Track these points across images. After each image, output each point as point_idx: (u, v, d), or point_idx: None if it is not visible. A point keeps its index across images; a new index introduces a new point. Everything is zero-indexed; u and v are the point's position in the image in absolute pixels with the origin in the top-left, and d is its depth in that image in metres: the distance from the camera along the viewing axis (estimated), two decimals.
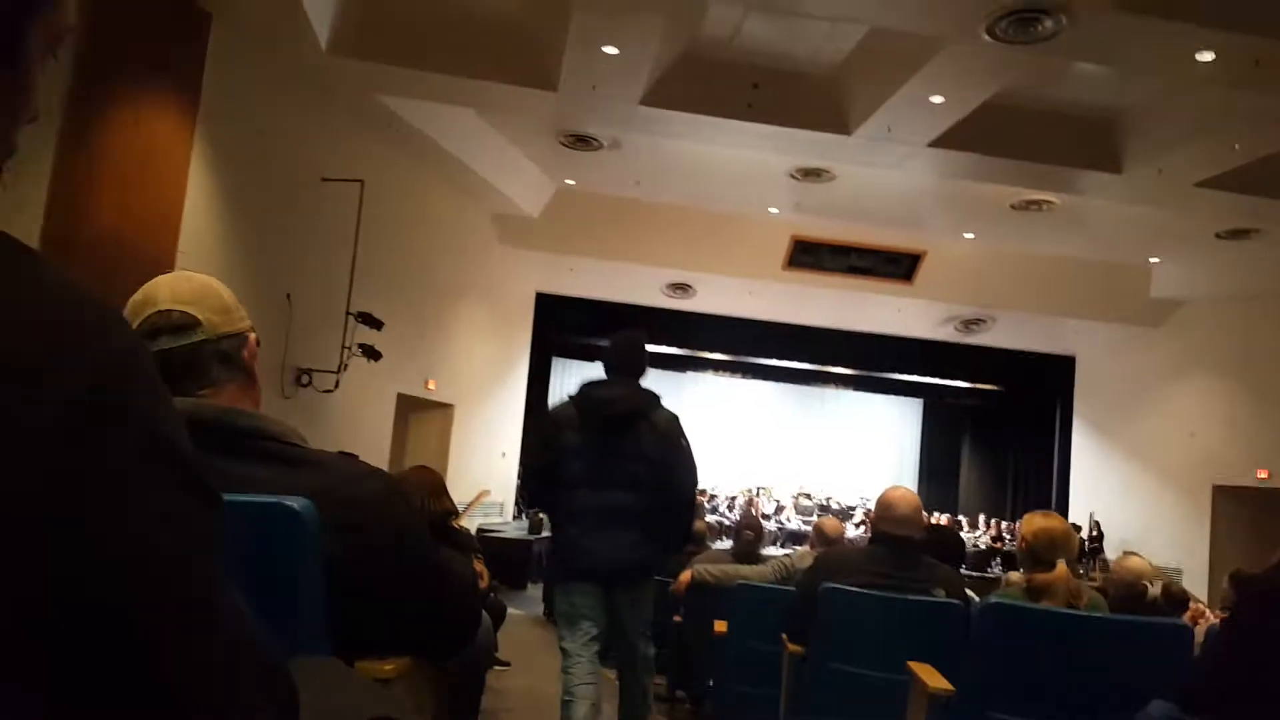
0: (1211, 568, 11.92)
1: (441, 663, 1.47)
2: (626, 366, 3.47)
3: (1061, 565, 2.49)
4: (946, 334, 14.54)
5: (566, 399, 3.54)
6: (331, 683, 0.95)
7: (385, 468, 5.34)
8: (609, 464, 3.25)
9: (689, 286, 13.62)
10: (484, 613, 1.63)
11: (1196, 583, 11.27)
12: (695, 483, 3.57)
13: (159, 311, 1.24)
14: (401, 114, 8.82)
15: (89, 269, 5.28)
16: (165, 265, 6.19)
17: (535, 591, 10.25)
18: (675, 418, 3.54)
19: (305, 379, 8.11)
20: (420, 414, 11.10)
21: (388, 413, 9.80)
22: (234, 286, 1.38)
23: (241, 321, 1.33)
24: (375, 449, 9.21)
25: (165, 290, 1.26)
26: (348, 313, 8.38)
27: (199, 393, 1.24)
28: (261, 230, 7.55)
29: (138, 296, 1.26)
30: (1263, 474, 11.75)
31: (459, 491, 5.57)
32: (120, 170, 5.93)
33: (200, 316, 1.25)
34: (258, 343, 1.36)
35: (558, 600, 3.39)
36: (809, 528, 14.42)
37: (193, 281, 1.30)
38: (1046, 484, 15.62)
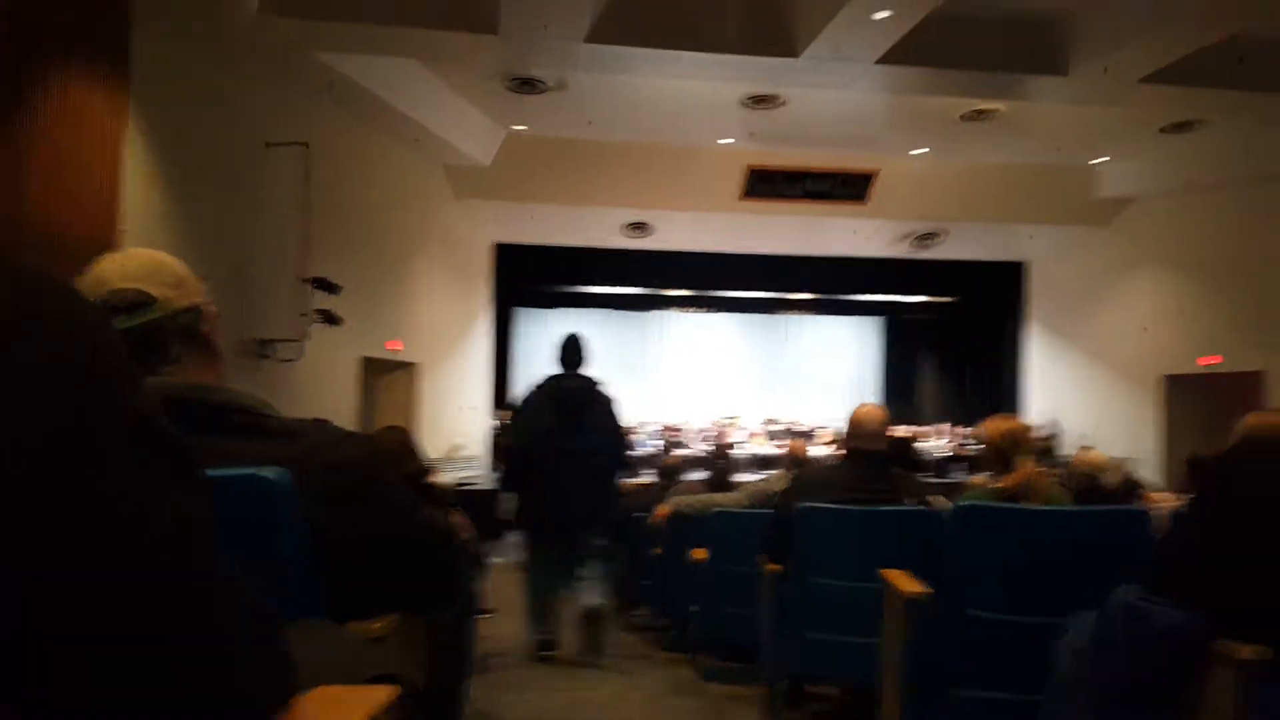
0: (1165, 455, 12.33)
1: (430, 614, 1.49)
2: (574, 362, 4.57)
3: (1029, 462, 2.56)
4: (902, 251, 14.64)
5: (533, 389, 4.63)
6: (326, 645, 0.96)
7: (354, 431, 5.28)
8: (572, 436, 4.33)
9: (647, 225, 13.54)
10: (467, 565, 1.65)
11: (1152, 471, 11.65)
12: (627, 441, 4.97)
13: (111, 291, 1.20)
14: (342, 70, 8.57)
15: (22, 256, 5.13)
16: (107, 246, 6.00)
17: (515, 539, 10.34)
18: (612, 398, 4.66)
19: (266, 350, 8.01)
20: (385, 375, 11.03)
21: (353, 377, 9.72)
22: (184, 261, 1.34)
23: (196, 294, 1.30)
24: (343, 414, 9.15)
25: (114, 269, 1.23)
26: (304, 279, 8.25)
27: (162, 370, 1.22)
28: (207, 201, 7.36)
29: (86, 278, 1.23)
30: (1210, 360, 12.08)
31: (431, 448, 5.58)
32: (49, 149, 5.71)
33: (154, 292, 1.22)
34: (216, 314, 1.34)
35: (535, 541, 4.51)
36: (779, 452, 14.70)
37: (141, 257, 1.26)
38: (1003, 388, 15.95)
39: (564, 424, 4.32)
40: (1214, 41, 8.20)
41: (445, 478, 9.49)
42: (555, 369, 4.65)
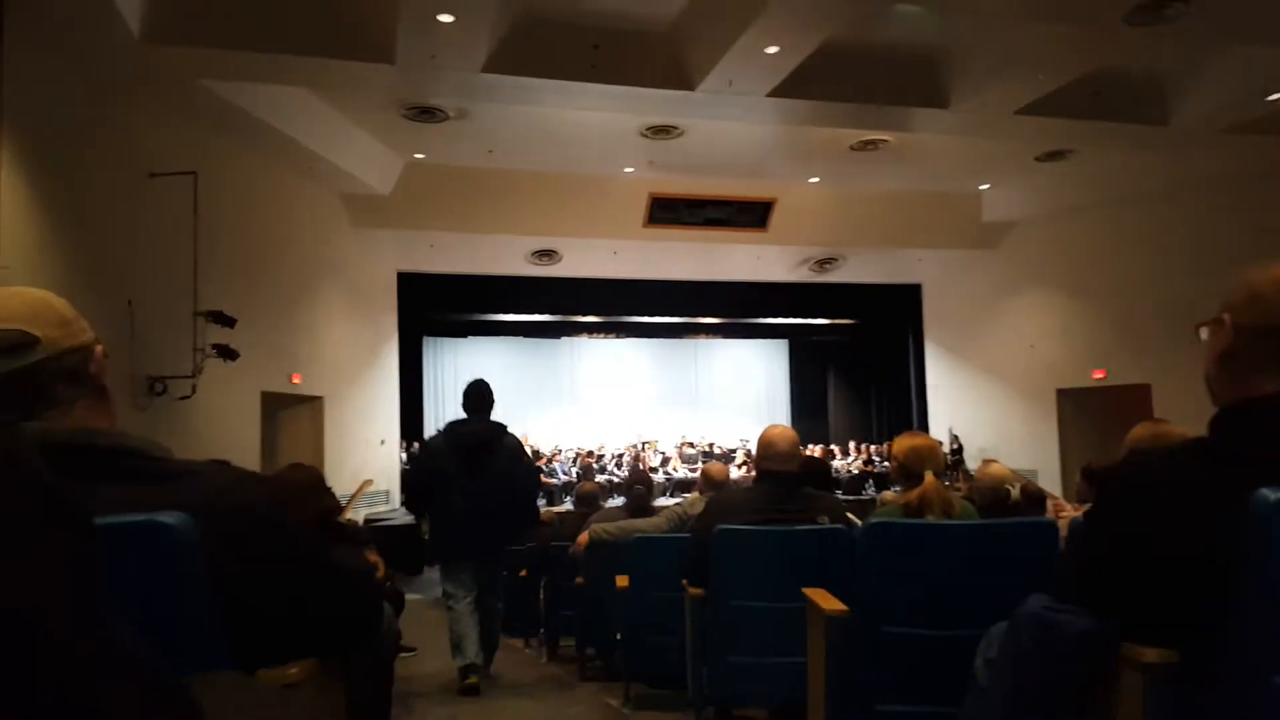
0: (1063, 465, 12.90)
1: (348, 658, 1.43)
2: (479, 408, 4.82)
3: (929, 476, 2.62)
4: (802, 275, 15.01)
5: (438, 433, 4.93)
6: (237, 697, 0.90)
7: (257, 470, 5.12)
8: (475, 477, 4.63)
9: (554, 252, 13.53)
10: (385, 603, 1.59)
11: (1050, 481, 12.17)
12: (536, 484, 5.33)
13: None
14: (231, 99, 8.32)
15: None
16: None
17: (433, 574, 10.11)
18: (517, 440, 5.00)
19: (159, 387, 7.64)
20: (288, 410, 10.66)
21: (253, 412, 9.36)
22: (68, 298, 1.26)
23: (84, 334, 1.22)
24: (243, 452, 8.80)
25: None
26: (196, 313, 7.92)
27: (47, 415, 1.14)
28: (90, 234, 7.00)
29: None
30: (1098, 374, 12.74)
31: (340, 484, 5.41)
32: None
33: (38, 333, 1.14)
34: (104, 354, 1.26)
35: (444, 572, 4.83)
36: (695, 475, 14.80)
37: (23, 296, 1.18)
38: (907, 406, 16.46)
39: (467, 466, 4.66)
40: (1075, 77, 8.74)
41: (356, 514, 9.20)
42: (462, 414, 4.97)
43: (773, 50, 7.93)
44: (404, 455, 13.53)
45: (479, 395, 4.86)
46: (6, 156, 6.13)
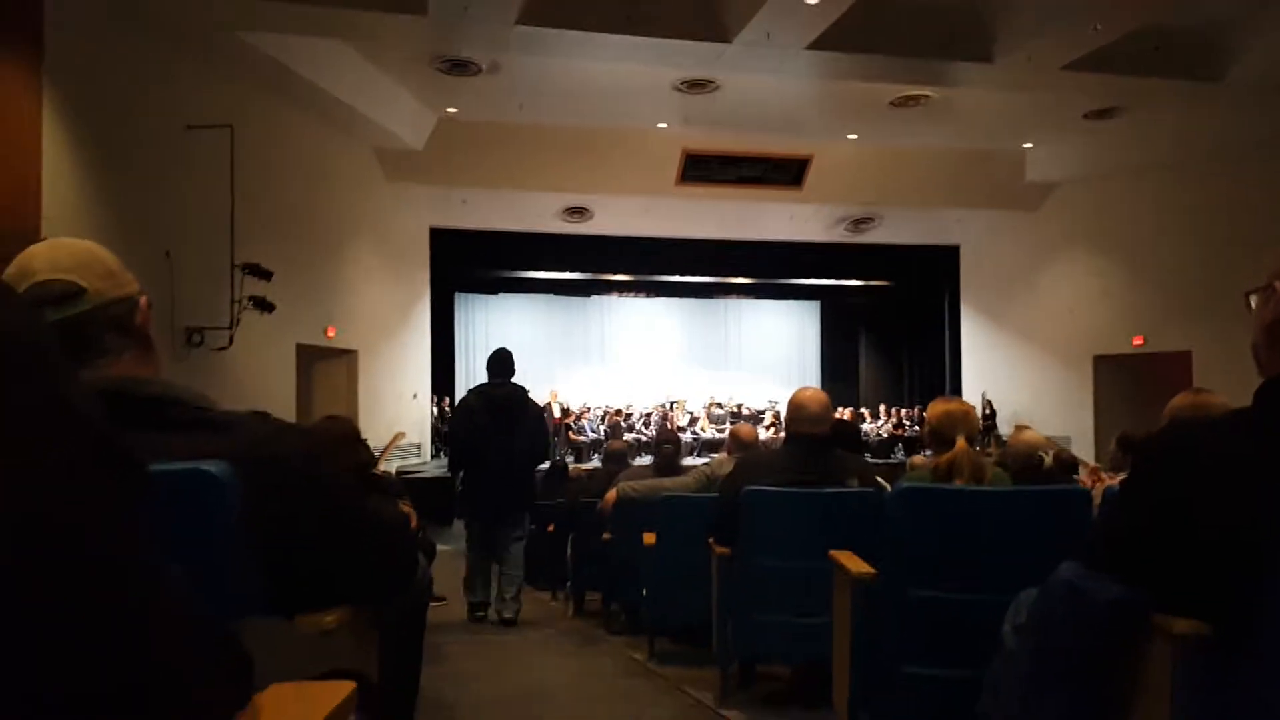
0: (1096, 432, 12.77)
1: (382, 607, 1.46)
2: (504, 372, 5.31)
3: (961, 441, 2.60)
4: (837, 235, 14.84)
5: (470, 394, 5.43)
6: (276, 642, 0.93)
7: (293, 422, 5.20)
8: (509, 436, 5.15)
9: (585, 209, 13.48)
10: (419, 553, 1.62)
11: (1084, 448, 12.06)
12: (549, 439, 6.02)
13: (38, 283, 1.14)
14: (267, 51, 8.32)
15: None
16: (29, 234, 5.77)
17: (461, 527, 10.28)
18: (537, 404, 5.57)
19: (196, 338, 7.78)
20: (323, 363, 10.81)
21: (288, 365, 9.50)
22: (108, 249, 1.29)
23: (129, 285, 1.24)
24: (279, 403, 8.95)
25: (42, 260, 1.17)
26: (233, 265, 8.02)
27: (94, 364, 1.17)
28: (130, 187, 7.10)
29: (11, 270, 1.16)
30: (1138, 341, 12.53)
31: (373, 437, 5.49)
32: None
33: (85, 284, 1.17)
34: (149, 305, 1.28)
35: (469, 524, 5.43)
36: (723, 435, 14.81)
37: (71, 248, 1.20)
38: (939, 370, 16.32)
39: (496, 424, 5.15)
40: (1131, 29, 8.46)
41: (389, 466, 9.35)
42: (486, 377, 5.43)
43: (813, 1, 7.76)
44: (435, 410, 13.69)
45: (501, 362, 5.36)
46: (49, 108, 6.20)
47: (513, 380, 5.32)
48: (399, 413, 11.90)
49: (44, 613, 0.48)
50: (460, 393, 6.47)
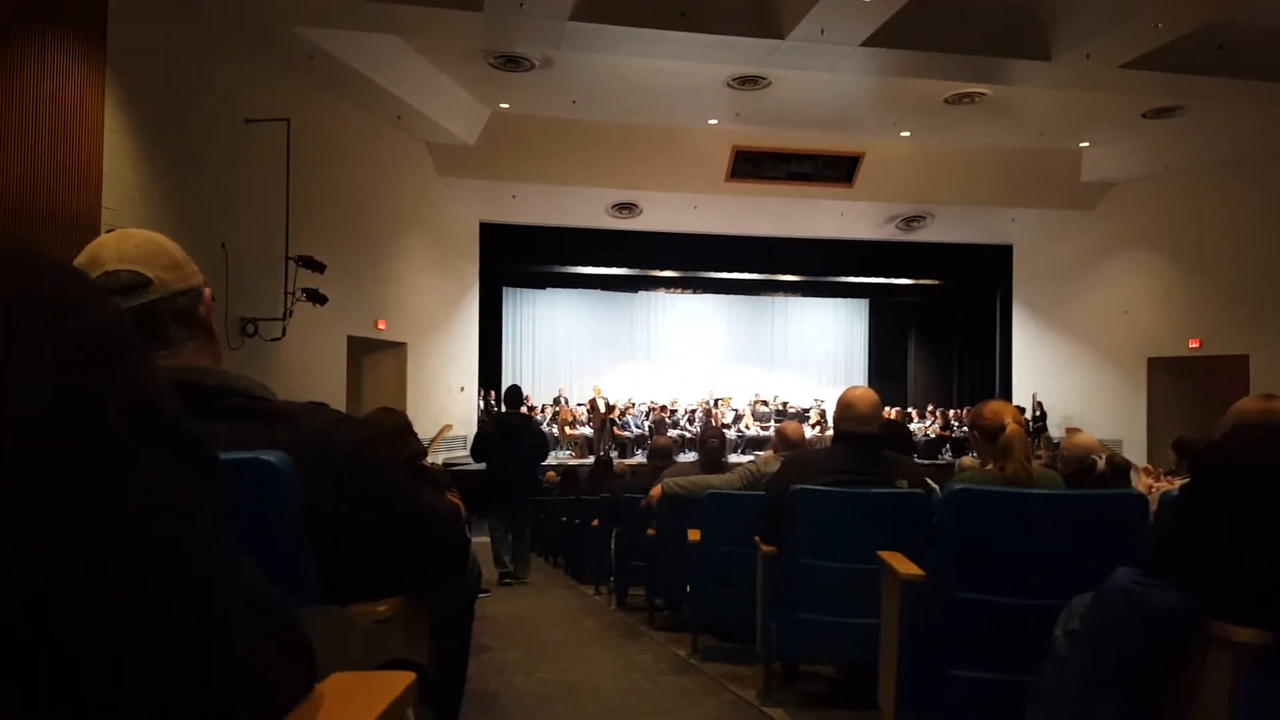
0: (1150, 436, 12.46)
1: (434, 596, 1.48)
2: (515, 403, 7.31)
3: (1012, 424, 2.56)
4: (888, 233, 14.68)
5: (488, 419, 8.01)
6: (336, 630, 0.95)
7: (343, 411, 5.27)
8: (513, 449, 6.90)
9: (634, 205, 13.50)
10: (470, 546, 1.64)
11: (1136, 452, 11.78)
12: (547, 452, 8.16)
13: (106, 273, 1.17)
14: (323, 46, 8.46)
15: (9, 232, 5.05)
16: (90, 222, 5.94)
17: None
18: (542, 429, 8.02)
19: (250, 329, 7.94)
20: (373, 355, 10.97)
21: (339, 356, 9.66)
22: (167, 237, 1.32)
23: (194, 276, 1.27)
24: (330, 394, 9.11)
25: (111, 250, 1.20)
26: (287, 257, 8.17)
27: (159, 354, 1.19)
28: (188, 178, 7.26)
29: (81, 259, 1.19)
30: (1194, 343, 12.19)
31: (421, 429, 5.56)
32: (29, 123, 5.61)
33: (151, 275, 1.19)
34: (213, 297, 1.31)
35: (493, 510, 7.01)
36: (768, 433, 14.74)
37: (138, 239, 1.23)
38: (989, 371, 16.06)
39: (506, 441, 6.93)
40: (1193, 28, 8.23)
41: (436, 458, 9.45)
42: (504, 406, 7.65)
43: None
44: (481, 403, 13.83)
45: (514, 397, 7.38)
46: (111, 98, 6.36)
47: (519, 410, 7.41)
48: (446, 405, 12.04)
49: (137, 610, 0.50)
50: (506, 386, 8.36)
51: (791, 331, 19.46)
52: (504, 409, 7.64)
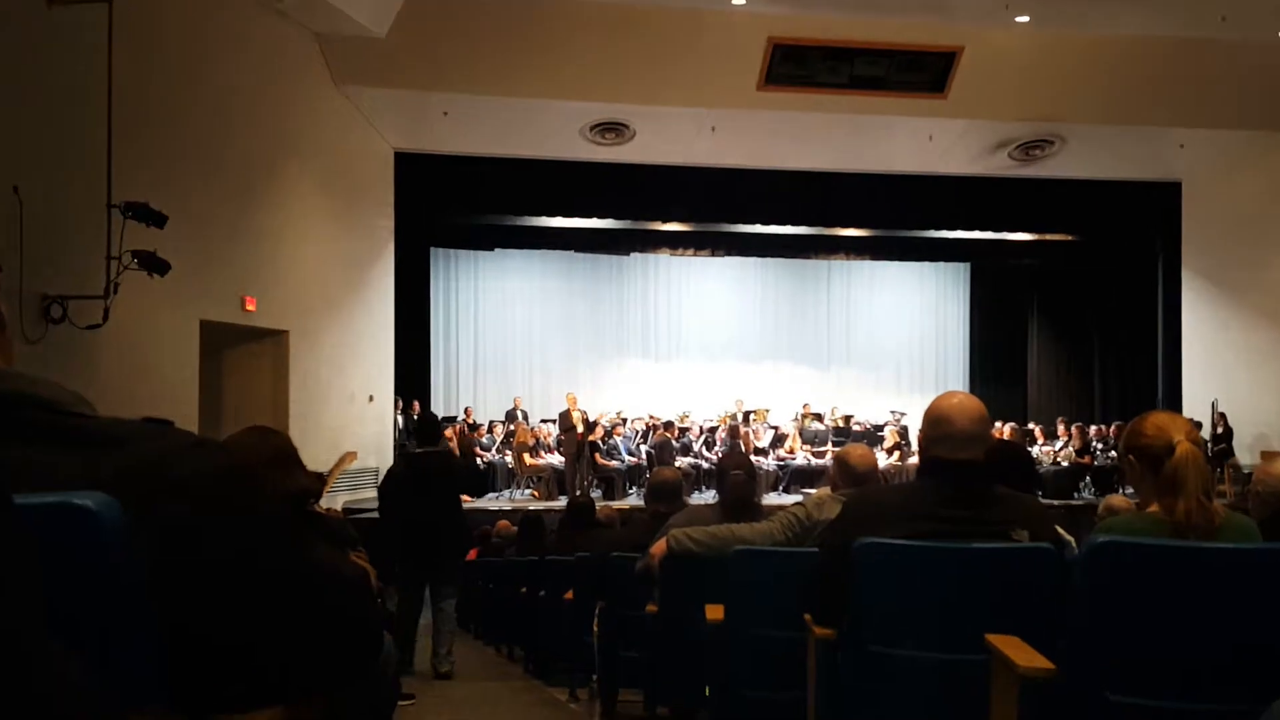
0: None
1: (331, 705, 1.47)
2: (431, 437, 7.80)
3: (1184, 443, 2.56)
4: (996, 166, 14.69)
5: (399, 461, 7.90)
6: None
7: (195, 432, 5.28)
8: (432, 495, 7.34)
9: (623, 126, 13.49)
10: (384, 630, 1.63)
11: None
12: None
13: None
14: None
15: None
16: None
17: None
18: (462, 466, 9.01)
19: (56, 311, 7.91)
20: (238, 348, 10.96)
21: (189, 351, 9.64)
22: None
23: None
24: (176, 406, 9.09)
25: None
26: (110, 205, 8.14)
27: None
28: None
29: None
30: None
31: (311, 457, 5.56)
32: None
33: None
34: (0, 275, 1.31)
35: (399, 575, 7.41)
36: (822, 462, 14.71)
37: None
38: (1148, 368, 16.09)
39: (422, 487, 7.32)
40: None
41: (333, 500, 9.44)
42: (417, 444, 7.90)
43: None
44: (400, 419, 13.83)
45: (430, 426, 8.08)
46: None
47: (438, 448, 7.96)
48: (348, 422, 12.03)
49: None
50: (438, 393, 8.45)
51: (856, 312, 19.49)
52: (417, 446, 7.94)
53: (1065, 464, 15.20)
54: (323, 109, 11.86)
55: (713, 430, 15.76)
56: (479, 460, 14.57)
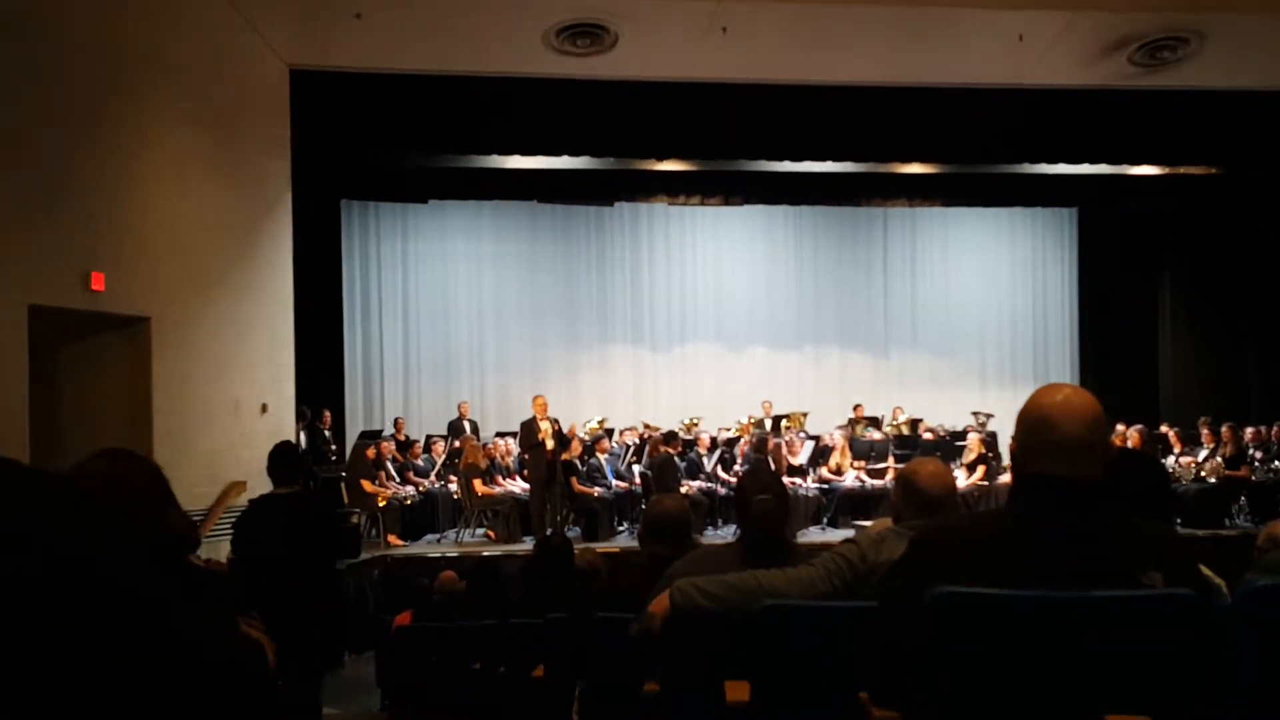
0: None
1: None
2: (286, 474, 7.74)
3: None
4: (1110, 74, 14.71)
5: (250, 505, 7.96)
6: None
7: (24, 459, 5.38)
8: (296, 546, 7.46)
9: (601, 29, 13.49)
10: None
11: None
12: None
13: None
14: None
15: None
16: None
17: (362, 668, 10.41)
18: (320, 516, 8.43)
19: None
20: (84, 342, 10.96)
21: (15, 345, 9.63)
22: None
23: None
24: None
25: None
26: None
27: None
28: None
29: None
30: None
31: (185, 490, 5.56)
32: None
33: None
34: None
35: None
36: (881, 482, 14.70)
37: None
38: None
39: (286, 537, 7.44)
40: None
41: (213, 551, 9.45)
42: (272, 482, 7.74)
43: None
44: (304, 433, 13.84)
45: (284, 458, 7.75)
46: None
47: (297, 485, 7.87)
48: (233, 441, 12.03)
49: None
50: (355, 399, 8.49)
51: (924, 280, 19.52)
52: (272, 485, 7.90)
53: (1212, 480, 15.25)
54: (191, 12, 11.84)
55: (731, 443, 15.80)
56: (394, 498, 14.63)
